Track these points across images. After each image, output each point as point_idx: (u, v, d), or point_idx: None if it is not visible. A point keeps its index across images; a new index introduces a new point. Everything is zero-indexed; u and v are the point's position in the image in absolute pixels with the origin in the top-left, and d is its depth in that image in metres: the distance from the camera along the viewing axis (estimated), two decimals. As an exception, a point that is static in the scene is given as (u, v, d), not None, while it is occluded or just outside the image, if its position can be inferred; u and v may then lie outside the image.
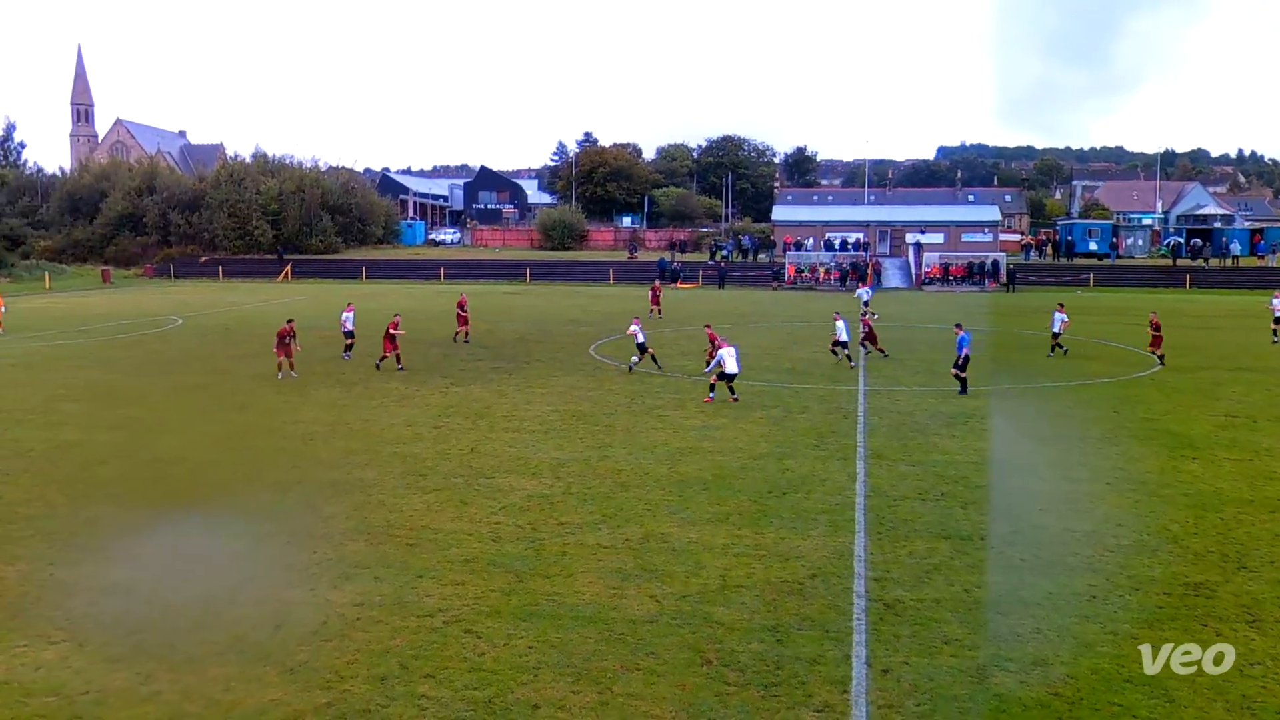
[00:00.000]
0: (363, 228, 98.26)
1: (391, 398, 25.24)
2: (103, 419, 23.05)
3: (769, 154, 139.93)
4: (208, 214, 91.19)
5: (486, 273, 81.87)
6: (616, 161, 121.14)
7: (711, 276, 74.30)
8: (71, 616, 11.34)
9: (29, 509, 15.57)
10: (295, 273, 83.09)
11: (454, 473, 17.69)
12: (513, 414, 23.09)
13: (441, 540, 13.97)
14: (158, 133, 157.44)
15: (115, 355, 34.69)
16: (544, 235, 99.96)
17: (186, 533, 14.66)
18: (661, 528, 14.51)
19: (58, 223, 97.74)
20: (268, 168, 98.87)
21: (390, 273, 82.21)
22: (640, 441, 20.14)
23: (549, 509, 15.48)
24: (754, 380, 27.72)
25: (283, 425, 22.16)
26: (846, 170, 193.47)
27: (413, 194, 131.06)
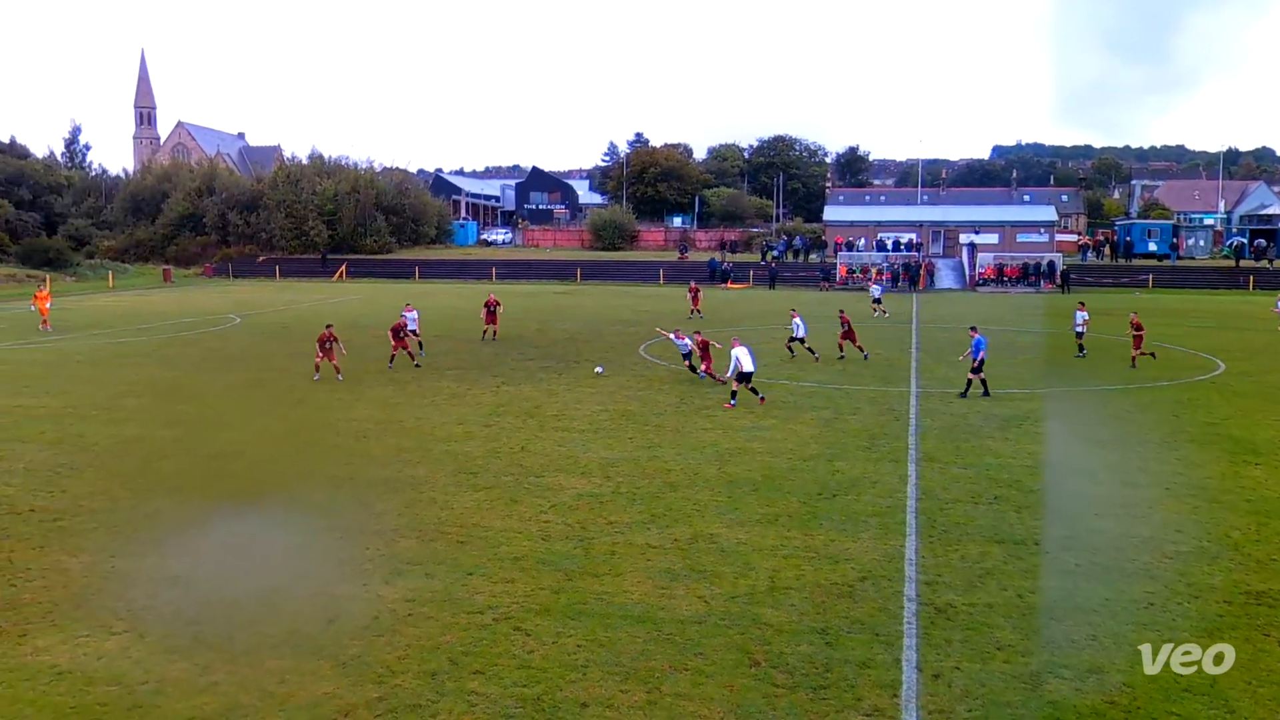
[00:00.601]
0: (416, 228, 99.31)
1: (443, 396, 25.46)
2: (163, 415, 23.54)
3: (821, 154, 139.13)
4: (265, 214, 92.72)
5: (537, 273, 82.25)
6: (667, 162, 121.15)
7: (762, 277, 73.95)
8: (132, 607, 11.59)
9: (93, 502, 15.94)
10: (350, 272, 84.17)
11: (504, 471, 17.80)
12: (562, 413, 23.17)
13: (491, 538, 14.06)
14: (217, 135, 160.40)
15: (175, 353, 35.40)
16: (595, 235, 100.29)
17: (243, 527, 14.92)
18: (710, 528, 14.48)
19: (121, 223, 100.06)
20: (324, 169, 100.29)
21: (443, 273, 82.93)
22: (689, 441, 20.11)
23: (598, 508, 15.52)
24: (804, 381, 27.58)
25: (337, 422, 22.46)
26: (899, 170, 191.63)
27: (465, 194, 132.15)
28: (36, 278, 72.71)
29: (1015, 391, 26.01)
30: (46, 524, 14.75)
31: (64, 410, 23.60)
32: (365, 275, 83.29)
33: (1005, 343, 37.10)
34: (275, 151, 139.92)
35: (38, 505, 15.67)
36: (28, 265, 77.98)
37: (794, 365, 30.86)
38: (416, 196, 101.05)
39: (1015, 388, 26.57)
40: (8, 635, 10.80)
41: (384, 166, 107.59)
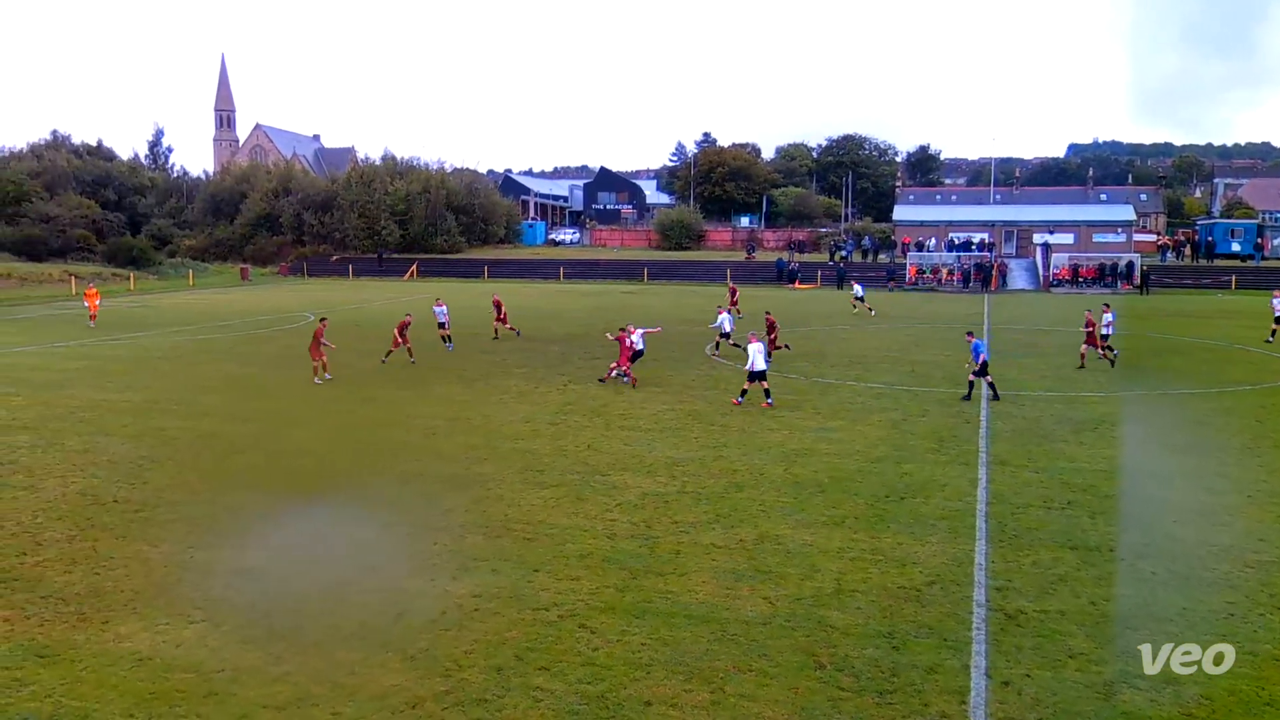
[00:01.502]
0: (485, 228, 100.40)
1: (511, 394, 25.69)
2: (239, 411, 24.11)
3: (891, 153, 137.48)
4: (339, 214, 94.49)
5: (605, 272, 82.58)
6: (735, 161, 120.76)
7: (830, 277, 73.36)
8: (209, 597, 11.89)
9: (173, 495, 16.40)
10: (421, 271, 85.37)
11: (570, 469, 17.89)
12: (629, 412, 23.23)
13: (557, 535, 14.15)
14: (294, 136, 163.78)
15: (251, 350, 36.25)
16: (662, 235, 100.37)
17: (314, 521, 15.22)
18: (776, 529, 14.40)
19: (201, 223, 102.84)
20: (396, 169, 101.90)
21: (511, 272, 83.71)
22: (755, 442, 20.02)
23: (663, 507, 15.53)
24: (872, 383, 27.29)
25: (405, 419, 22.79)
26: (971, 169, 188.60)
27: (534, 195, 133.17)
28: (120, 276, 75.11)
29: (1090, 395, 25.42)
30: (129, 515, 15.21)
31: (146, 405, 24.30)
32: (435, 274, 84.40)
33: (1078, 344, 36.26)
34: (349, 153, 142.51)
35: (121, 496, 16.16)
36: (113, 264, 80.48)
37: (861, 366, 30.56)
38: (486, 197, 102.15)
39: (1090, 391, 25.98)
40: (92, 622, 11.15)
41: (454, 167, 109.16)
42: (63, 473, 17.60)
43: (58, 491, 16.41)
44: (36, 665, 10.09)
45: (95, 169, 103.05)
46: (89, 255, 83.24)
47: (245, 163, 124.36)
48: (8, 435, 20.60)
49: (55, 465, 18.14)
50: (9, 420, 22.21)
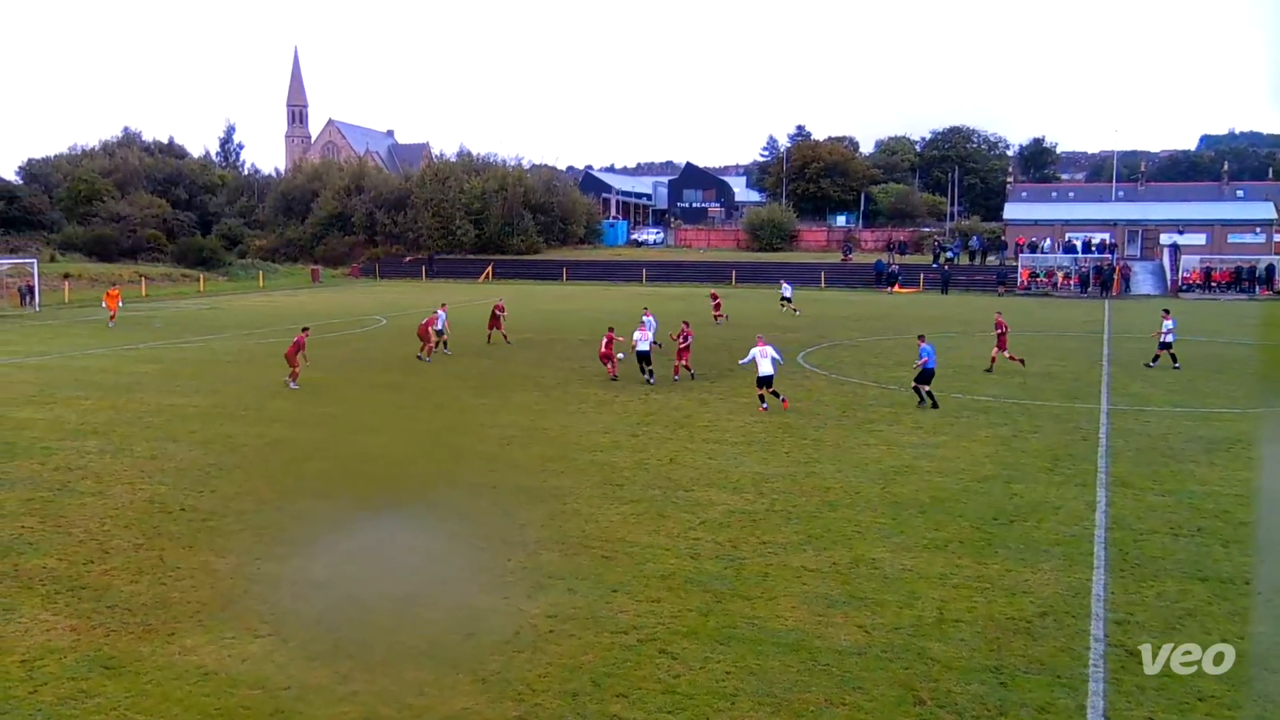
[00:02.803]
0: (564, 227, 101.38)
1: (589, 404, 25.84)
2: (308, 416, 24.70)
3: (1001, 146, 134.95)
4: (412, 213, 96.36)
5: (690, 274, 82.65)
6: (831, 156, 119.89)
7: (934, 280, 72.32)
8: (276, 610, 12.18)
9: (240, 503, 16.86)
10: (496, 273, 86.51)
11: (652, 484, 17.92)
12: (714, 424, 23.19)
13: (637, 554, 14.17)
14: (367, 133, 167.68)
15: (321, 353, 37.06)
16: (751, 235, 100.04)
17: (384, 532, 15.49)
18: (872, 552, 14.22)
19: (272, 222, 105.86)
20: (471, 166, 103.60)
21: (591, 274, 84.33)
22: (851, 458, 19.82)
23: (750, 526, 15.45)
24: (980, 395, 26.81)
25: (480, 427, 23.09)
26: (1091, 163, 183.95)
27: (615, 192, 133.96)
28: (190, 277, 77.64)
29: (1224, 411, 24.59)
30: (196, 523, 15.68)
31: (213, 410, 25.06)
32: (511, 276, 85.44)
33: (1210, 355, 35.15)
34: (423, 149, 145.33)
35: (188, 504, 16.67)
36: (183, 264, 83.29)
37: (966, 378, 30.04)
38: (565, 194, 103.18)
39: (1224, 406, 25.12)
40: (158, 633, 11.51)
41: (532, 164, 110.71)
42: (131, 479, 18.24)
43: (125, 498, 17.00)
44: (102, 677, 10.44)
45: (166, 167, 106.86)
46: (159, 256, 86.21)
47: (317, 160, 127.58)
48: (77, 440, 21.43)
49: (123, 471, 18.80)
50: (79, 424, 23.10)
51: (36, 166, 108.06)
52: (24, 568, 13.60)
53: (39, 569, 13.55)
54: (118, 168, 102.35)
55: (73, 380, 29.69)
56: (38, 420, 23.56)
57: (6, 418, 23.82)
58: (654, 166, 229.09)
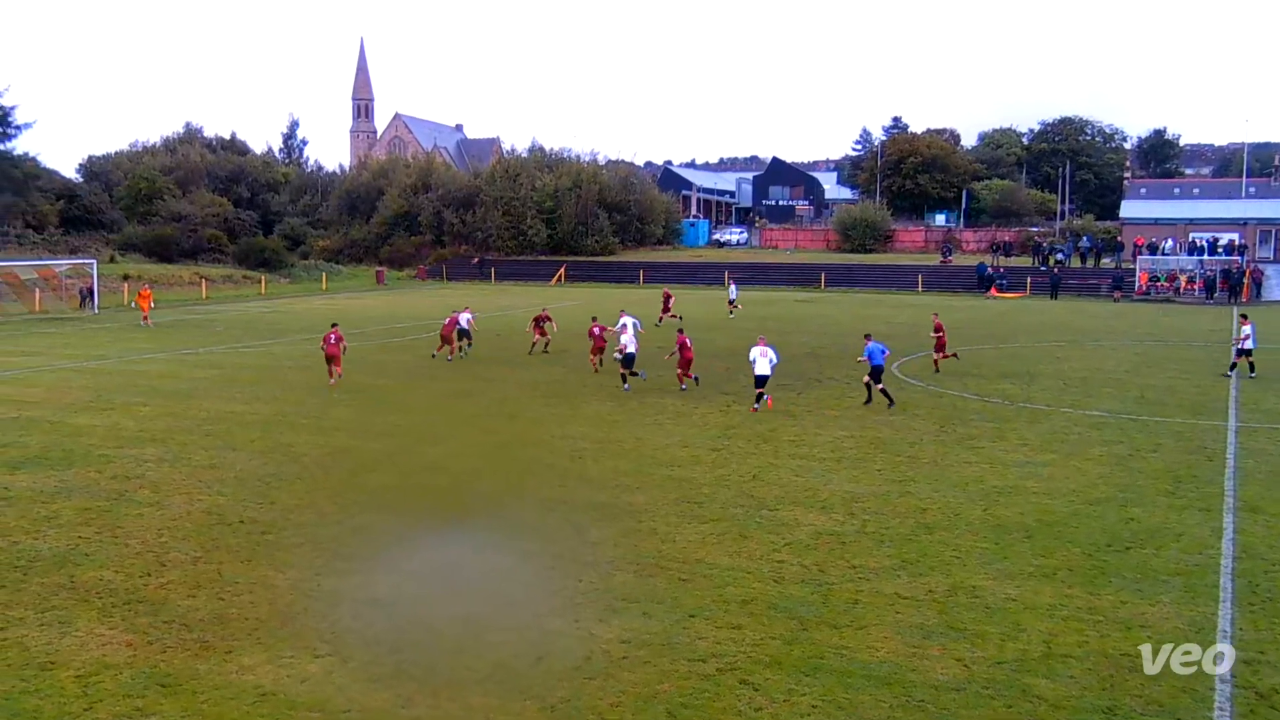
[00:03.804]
0: (641, 227, 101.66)
1: (667, 415, 25.87)
2: (372, 425, 25.11)
3: (1118, 138, 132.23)
4: (481, 212, 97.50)
5: (776, 277, 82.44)
6: (929, 150, 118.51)
7: (1042, 284, 71.07)
8: (336, 629, 12.39)
9: (300, 515, 17.19)
10: (569, 276, 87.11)
11: (733, 502, 17.88)
12: (801, 438, 23.06)
13: (717, 577, 14.13)
14: (435, 127, 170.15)
15: (386, 359, 37.71)
16: (842, 235, 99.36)
17: (449, 547, 15.66)
18: (972, 579, 14.00)
19: (336, 222, 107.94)
20: (544, 162, 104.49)
21: (669, 276, 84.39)
22: (949, 477, 19.56)
23: (839, 549, 15.33)
24: (1092, 410, 26.28)
25: (550, 439, 23.25)
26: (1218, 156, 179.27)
27: (696, 189, 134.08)
28: (251, 278, 79.50)
29: (1368, 430, 23.74)
30: (255, 536, 16.03)
31: (274, 418, 25.61)
32: (584, 279, 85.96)
33: (1355, 369, 33.99)
34: (494, 144, 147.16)
35: (247, 516, 17.05)
36: (244, 265, 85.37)
37: (1078, 390, 29.48)
38: (643, 192, 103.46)
39: (1368, 425, 24.26)
40: (215, 651, 11.78)
41: (608, 159, 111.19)
42: (189, 489, 18.72)
43: (183, 509, 17.45)
44: (158, 695, 10.71)
45: (228, 164, 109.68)
46: (220, 256, 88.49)
47: (383, 156, 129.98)
48: (136, 448, 22.07)
49: (182, 481, 19.31)
50: (137, 432, 23.78)
51: (97, 164, 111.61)
52: (80, 579, 14.03)
53: (95, 581, 13.97)
54: (179, 165, 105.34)
55: (131, 385, 30.59)
56: (95, 427, 24.30)
57: (64, 424, 24.62)
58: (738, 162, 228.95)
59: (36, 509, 17.35)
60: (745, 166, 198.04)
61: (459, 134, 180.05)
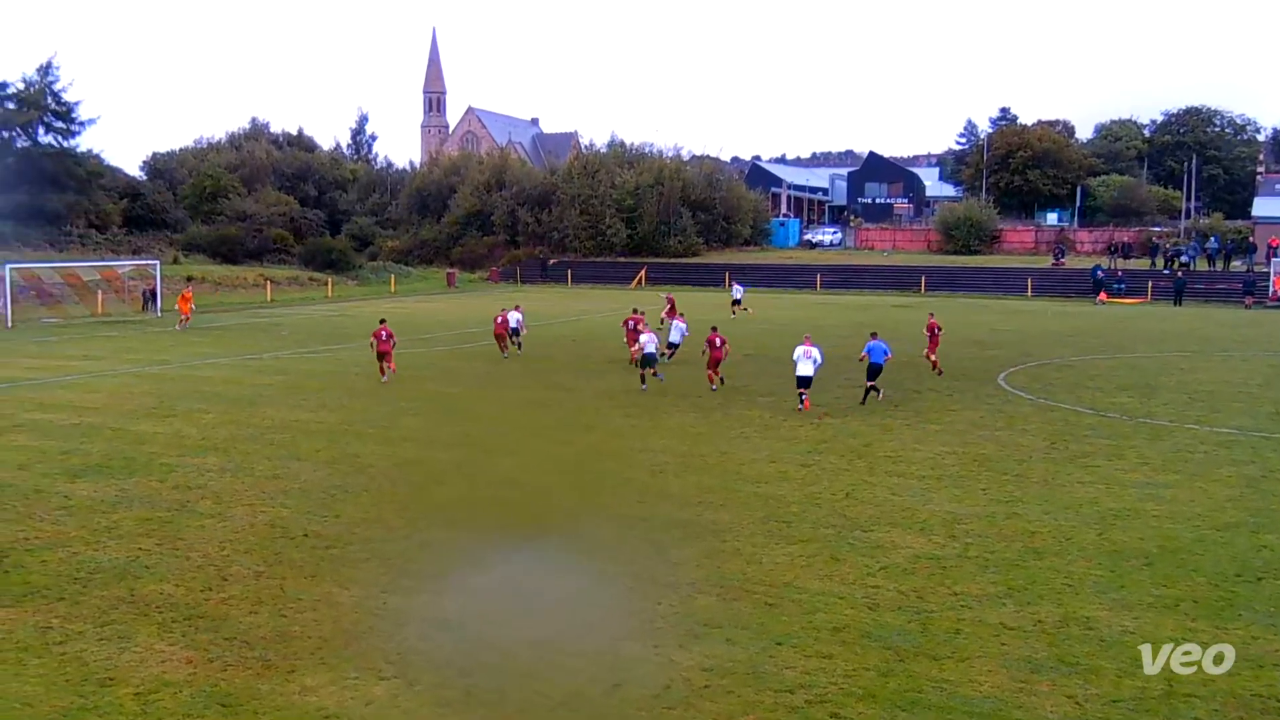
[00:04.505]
0: (727, 226, 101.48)
1: (754, 427, 25.81)
2: (442, 436, 25.41)
3: (1250, 130, 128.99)
4: (558, 211, 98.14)
5: (872, 281, 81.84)
6: (1041, 143, 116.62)
7: (1164, 289, 69.55)
8: (402, 650, 12.55)
9: (366, 530, 17.46)
10: (650, 278, 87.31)
11: (824, 521, 17.77)
12: (899, 454, 22.85)
13: (806, 602, 14.05)
14: (509, 121, 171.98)
15: (457, 366, 38.16)
16: (944, 235, 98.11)
17: (522, 565, 15.77)
18: (1086, 610, 13.74)
19: (405, 221, 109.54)
20: (624, 158, 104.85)
21: (757, 279, 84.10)
22: (1061, 498, 19.24)
23: (940, 574, 15.15)
24: (1220, 427, 25.65)
25: (630, 452, 23.32)
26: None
27: (786, 186, 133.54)
28: (317, 280, 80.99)
29: None
30: (319, 551, 16.31)
31: (340, 427, 26.05)
32: (666, 281, 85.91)
33: None
34: (571, 139, 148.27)
35: (311, 530, 17.36)
36: (310, 267, 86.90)
37: (1205, 405, 28.79)
38: (729, 189, 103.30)
39: None
40: (277, 670, 12.01)
41: (692, 154, 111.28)
42: (251, 500, 19.12)
43: (246, 521, 17.83)
44: (219, 715, 10.94)
45: (295, 161, 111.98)
46: (285, 257, 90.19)
47: (455, 152, 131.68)
48: (197, 457, 22.61)
49: (244, 492, 19.73)
50: (199, 440, 24.36)
51: (161, 161, 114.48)
52: (140, 593, 14.40)
53: (155, 595, 14.33)
54: (244, 162, 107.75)
55: (193, 391, 31.35)
56: (157, 434, 24.95)
57: (126, 431, 25.31)
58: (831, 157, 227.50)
59: (97, 519, 17.85)
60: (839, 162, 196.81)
61: (534, 128, 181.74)
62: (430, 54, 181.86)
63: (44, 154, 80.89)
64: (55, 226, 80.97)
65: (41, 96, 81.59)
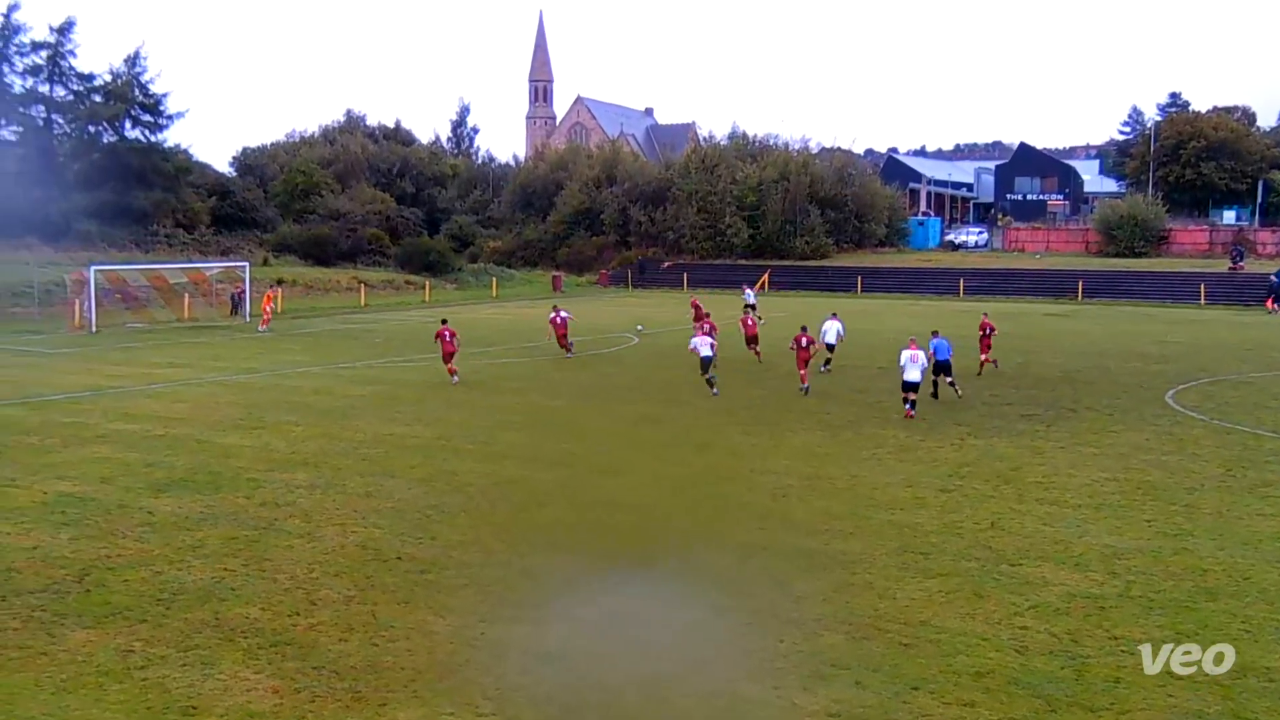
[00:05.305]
0: (860, 225, 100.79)
1: (887, 448, 25.55)
2: (544, 452, 25.63)
3: None
4: (673, 209, 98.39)
5: (1022, 286, 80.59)
6: (1216, 133, 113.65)
7: (1357, 297, 67.09)
8: (501, 685, 12.67)
9: (463, 553, 17.69)
10: (773, 283, 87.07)
11: (966, 554, 17.52)
12: (1050, 480, 22.45)
13: (945, 643, 13.87)
14: (621, 111, 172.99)
15: (562, 377, 38.46)
16: (1105, 236, 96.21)
17: (630, 595, 15.82)
18: (1266, 659, 13.33)
19: (508, 220, 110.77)
20: (746, 151, 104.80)
21: (892, 284, 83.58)
22: (1237, 531, 18.71)
23: (1097, 615, 14.83)
24: None
25: (749, 473, 23.26)
26: None
27: (926, 182, 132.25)
28: (414, 284, 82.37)
29: None
30: (413, 575, 16.57)
31: (436, 442, 26.46)
32: (791, 286, 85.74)
33: None
34: (688, 130, 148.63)
35: (405, 553, 17.65)
36: (406, 269, 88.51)
37: None
38: (862, 185, 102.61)
39: None
40: (367, 702, 12.22)
41: (821, 147, 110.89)
42: (342, 519, 19.52)
43: (336, 542, 18.20)
44: (305, 748, 11.17)
45: (391, 155, 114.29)
46: (380, 259, 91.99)
47: (562, 146, 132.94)
48: (286, 472, 23.16)
49: (335, 510, 20.15)
50: (288, 454, 24.96)
51: (251, 156, 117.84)
52: (225, 616, 14.79)
53: (241, 619, 14.70)
54: (338, 157, 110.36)
55: (282, 402, 32.15)
56: (244, 447, 25.63)
57: (212, 444, 26.04)
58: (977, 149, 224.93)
59: (181, 536, 18.40)
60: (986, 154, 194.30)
61: (648, 119, 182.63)
62: (536, 40, 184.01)
63: (130, 149, 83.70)
64: (141, 226, 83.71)
65: (129, 89, 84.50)
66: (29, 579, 16.20)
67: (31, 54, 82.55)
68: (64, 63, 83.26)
